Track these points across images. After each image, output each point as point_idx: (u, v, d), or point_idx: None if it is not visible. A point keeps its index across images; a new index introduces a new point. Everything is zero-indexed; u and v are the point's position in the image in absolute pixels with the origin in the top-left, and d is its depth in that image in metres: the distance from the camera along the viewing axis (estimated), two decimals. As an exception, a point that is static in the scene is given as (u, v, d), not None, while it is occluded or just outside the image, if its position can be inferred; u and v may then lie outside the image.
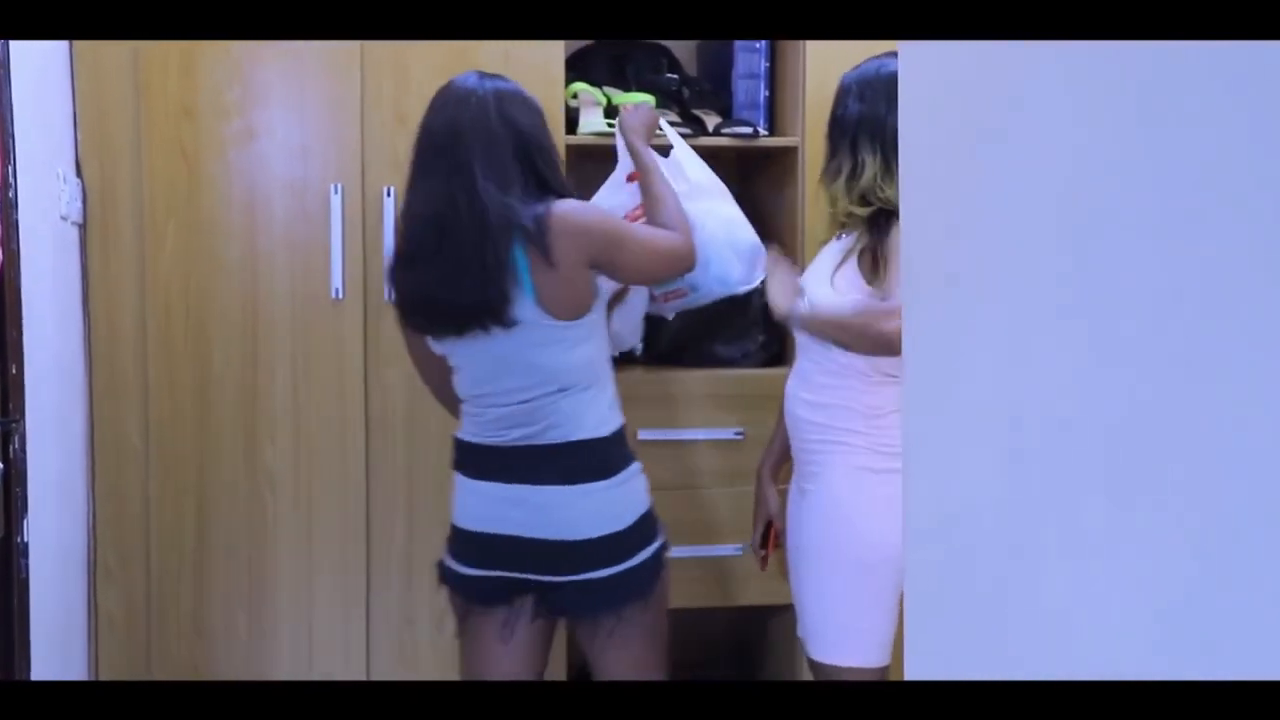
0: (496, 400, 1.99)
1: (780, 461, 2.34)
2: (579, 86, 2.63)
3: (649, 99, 2.66)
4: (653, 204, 2.13)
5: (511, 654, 2.07)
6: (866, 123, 2.08)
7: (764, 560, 2.36)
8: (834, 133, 2.14)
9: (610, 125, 2.60)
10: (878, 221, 2.06)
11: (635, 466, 2.03)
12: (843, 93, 2.15)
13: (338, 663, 2.49)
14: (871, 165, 2.06)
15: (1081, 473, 0.75)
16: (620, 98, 2.66)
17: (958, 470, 0.97)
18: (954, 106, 0.99)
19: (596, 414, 1.99)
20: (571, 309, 1.94)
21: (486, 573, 2.02)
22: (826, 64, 2.52)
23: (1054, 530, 0.80)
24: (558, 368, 1.96)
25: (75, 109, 2.37)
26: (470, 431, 2.04)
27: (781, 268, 2.25)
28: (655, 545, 2.03)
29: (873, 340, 1.99)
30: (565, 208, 1.93)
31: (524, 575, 2.00)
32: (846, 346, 2.06)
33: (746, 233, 2.36)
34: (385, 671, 2.50)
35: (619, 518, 1.98)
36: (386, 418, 2.48)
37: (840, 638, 2.10)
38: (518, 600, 2.04)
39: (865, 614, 2.07)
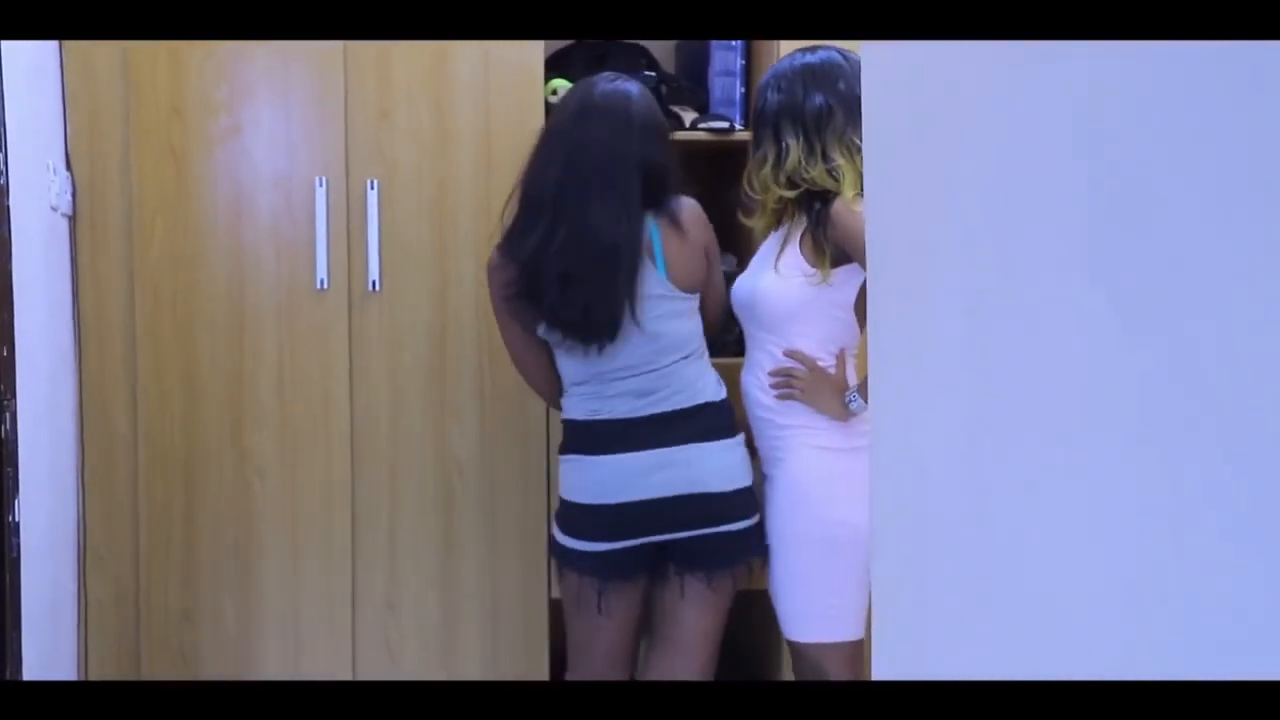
0: (621, 374, 2.13)
1: None
2: (558, 82, 2.69)
3: (627, 95, 2.73)
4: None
5: (627, 625, 2.21)
6: (785, 110, 2.17)
7: None
8: (757, 127, 2.23)
9: (589, 120, 2.66)
10: (810, 205, 2.14)
11: (741, 435, 2.20)
12: (760, 90, 2.24)
13: (323, 648, 2.54)
14: (795, 149, 2.14)
15: (1042, 443, 0.80)
16: (599, 94, 2.73)
17: (923, 442, 1.03)
18: (913, 101, 1.05)
19: (714, 379, 2.19)
20: (694, 281, 2.18)
21: (628, 543, 2.12)
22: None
23: (1016, 500, 0.84)
24: (680, 336, 2.15)
25: (65, 105, 2.43)
26: (588, 410, 2.16)
27: (815, 377, 2.17)
28: (760, 513, 2.19)
29: None
30: (693, 202, 2.23)
31: (669, 536, 2.12)
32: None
33: None
34: (369, 656, 2.55)
35: (747, 474, 2.16)
36: (371, 406, 2.53)
37: (815, 616, 2.15)
38: (660, 566, 2.18)
39: (837, 590, 2.13)
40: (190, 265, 2.48)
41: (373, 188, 2.49)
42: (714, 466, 2.12)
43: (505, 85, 2.52)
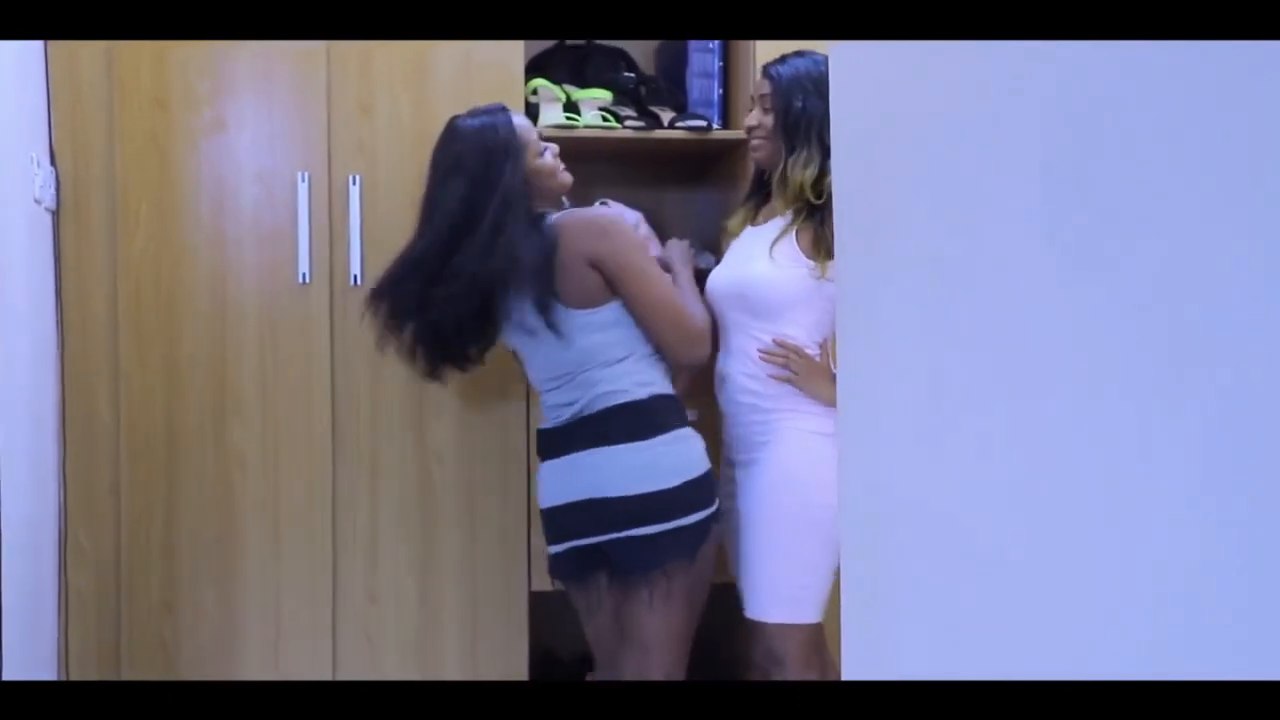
0: (551, 385, 2.22)
1: None
2: (539, 82, 2.73)
3: (606, 95, 2.77)
4: (684, 290, 2.29)
5: (610, 624, 2.24)
6: (825, 119, 2.20)
7: None
8: (796, 127, 2.24)
9: (569, 119, 2.70)
10: (824, 207, 2.19)
11: (683, 431, 2.17)
12: (791, 88, 2.26)
13: (304, 639, 2.55)
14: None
15: (998, 432, 0.84)
16: (578, 94, 2.77)
17: (889, 416, 1.07)
18: (879, 101, 1.09)
19: (635, 379, 2.16)
20: (584, 294, 2.15)
21: (567, 545, 2.20)
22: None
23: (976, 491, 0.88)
24: (591, 346, 2.16)
25: (50, 99, 2.45)
26: (543, 419, 2.26)
27: (810, 362, 2.22)
28: (705, 512, 2.13)
29: None
30: (572, 215, 2.20)
31: (588, 540, 2.15)
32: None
33: None
34: (349, 648, 2.57)
35: (661, 477, 2.11)
36: (352, 399, 2.55)
37: (783, 596, 2.19)
38: (599, 569, 2.20)
39: (808, 572, 2.17)
40: (173, 258, 2.50)
41: (355, 183, 2.52)
42: (613, 472, 2.12)
43: (486, 84, 2.55)
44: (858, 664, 1.17)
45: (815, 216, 2.19)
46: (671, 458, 2.13)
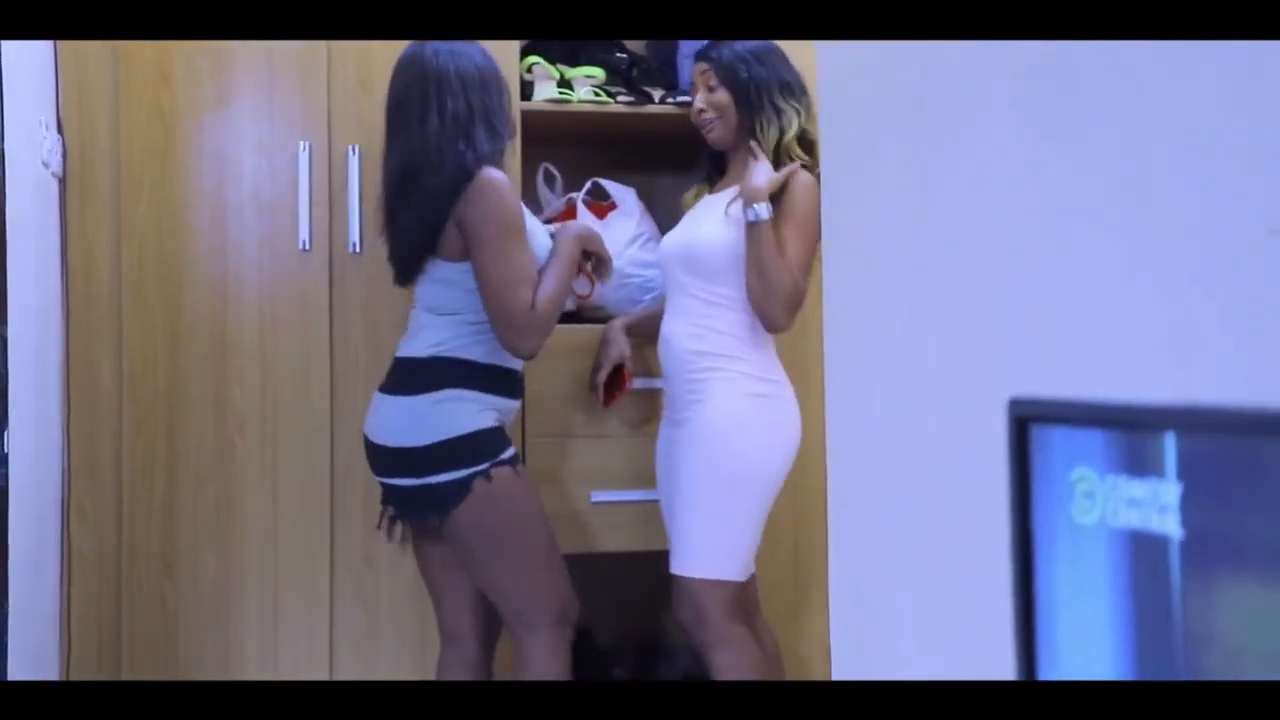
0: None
1: (635, 326, 2.57)
2: (534, 60, 2.80)
3: (599, 73, 2.84)
4: (544, 279, 2.21)
5: (421, 560, 2.34)
6: (774, 82, 2.34)
7: (609, 399, 2.55)
8: (747, 93, 2.34)
9: (562, 93, 2.77)
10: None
11: (455, 392, 2.15)
12: (734, 62, 2.36)
13: (301, 601, 2.60)
14: (794, 115, 2.32)
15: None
16: (571, 72, 2.84)
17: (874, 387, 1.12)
18: (866, 98, 1.16)
19: (436, 336, 2.19)
20: (450, 250, 2.17)
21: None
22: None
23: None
24: (428, 297, 2.22)
25: (57, 72, 2.51)
26: None
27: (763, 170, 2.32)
28: (463, 472, 2.13)
29: (786, 293, 2.20)
30: (483, 174, 2.13)
31: (378, 479, 2.26)
32: (759, 277, 2.24)
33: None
34: (347, 609, 2.62)
35: (418, 434, 2.15)
36: (350, 363, 2.61)
37: (707, 552, 2.23)
38: (390, 504, 2.29)
39: (735, 530, 2.24)
40: (176, 226, 2.56)
41: (354, 153, 2.58)
42: (379, 420, 2.21)
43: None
44: (846, 664, 1.20)
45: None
46: (434, 417, 2.14)
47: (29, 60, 2.36)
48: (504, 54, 2.65)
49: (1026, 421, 0.54)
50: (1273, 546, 0.42)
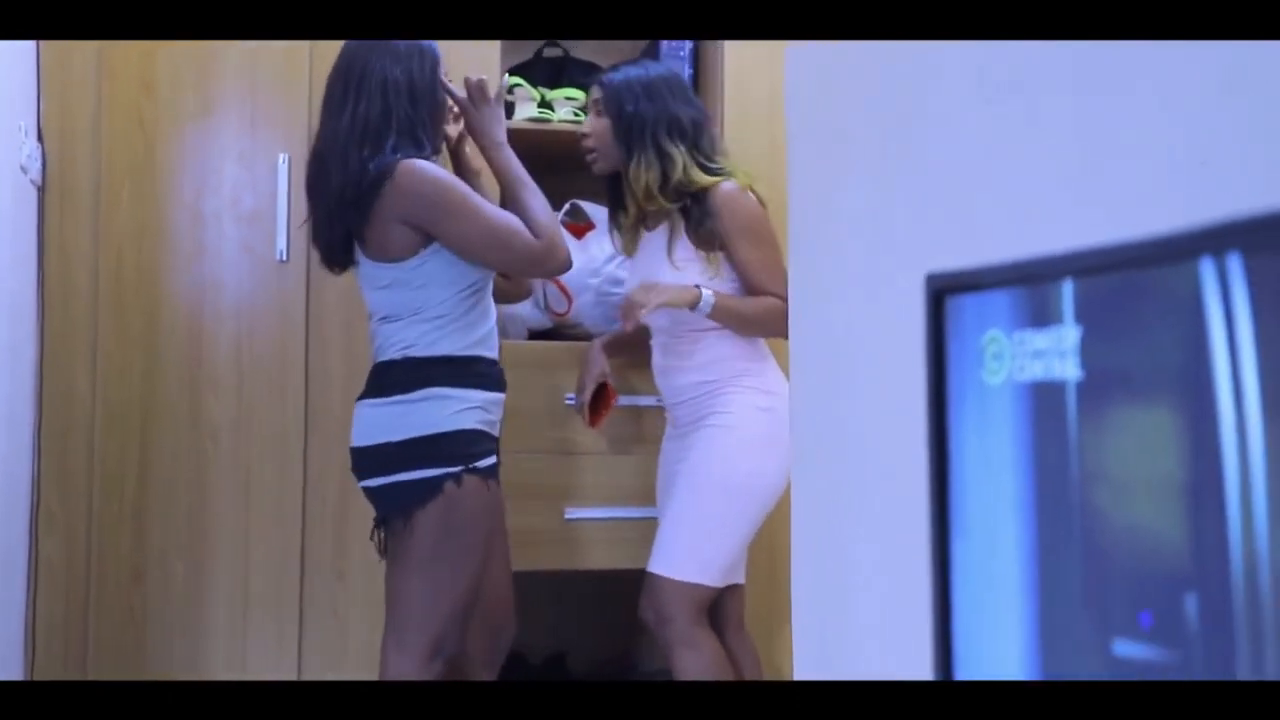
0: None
1: (615, 345, 2.55)
2: (515, 81, 2.84)
3: (579, 95, 2.88)
4: (521, 209, 2.17)
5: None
6: (663, 120, 2.28)
7: (595, 419, 2.52)
8: (631, 132, 2.29)
9: (542, 113, 2.81)
10: (688, 206, 2.28)
11: (433, 390, 2.10)
12: (621, 94, 2.32)
13: (271, 614, 2.58)
14: (680, 157, 2.27)
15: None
16: (552, 94, 2.88)
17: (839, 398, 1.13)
18: (836, 104, 1.18)
19: (401, 340, 2.14)
20: (386, 250, 2.11)
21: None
22: (741, 70, 2.80)
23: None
24: (376, 303, 2.18)
25: (39, 78, 2.54)
26: None
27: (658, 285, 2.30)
28: (435, 471, 2.08)
29: (781, 316, 2.22)
30: (401, 166, 2.06)
31: (359, 485, 2.21)
32: (753, 329, 2.28)
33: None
34: (317, 623, 2.60)
35: (394, 430, 2.11)
36: (325, 374, 2.62)
37: (684, 555, 2.24)
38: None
39: (720, 538, 2.25)
40: (155, 234, 2.57)
41: (334, 165, 2.61)
42: (359, 426, 2.17)
43: (462, 72, 2.65)
44: (808, 663, 1.20)
45: (695, 211, 2.29)
46: (410, 416, 2.10)
47: (11, 66, 2.38)
48: (486, 73, 2.69)
49: (942, 294, 0.56)
50: (1157, 371, 0.43)
